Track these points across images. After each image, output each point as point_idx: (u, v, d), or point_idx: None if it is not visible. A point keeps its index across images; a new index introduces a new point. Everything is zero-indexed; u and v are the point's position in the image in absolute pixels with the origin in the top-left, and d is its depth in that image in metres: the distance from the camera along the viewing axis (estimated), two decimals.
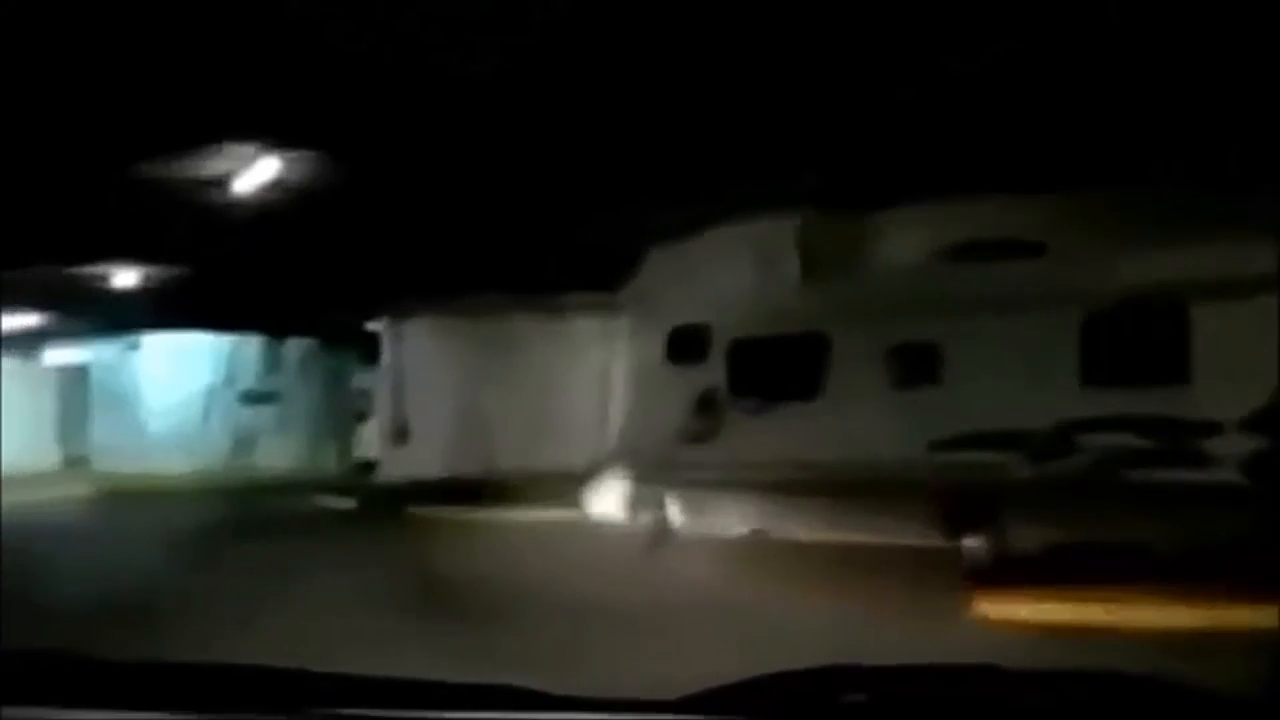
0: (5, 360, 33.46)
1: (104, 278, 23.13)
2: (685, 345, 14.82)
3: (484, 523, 18.75)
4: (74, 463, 32.58)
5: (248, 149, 14.30)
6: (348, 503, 22.25)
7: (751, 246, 14.62)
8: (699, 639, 8.60)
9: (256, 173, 14.82)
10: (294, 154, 14.44)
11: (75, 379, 33.27)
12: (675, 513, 14.58)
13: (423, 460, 23.41)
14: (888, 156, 13.87)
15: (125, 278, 23.15)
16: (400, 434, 24.50)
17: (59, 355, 33.66)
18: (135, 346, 30.88)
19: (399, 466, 24.01)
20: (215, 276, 23.44)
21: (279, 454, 30.86)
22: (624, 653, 8.16)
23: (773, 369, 13.81)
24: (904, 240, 13.24)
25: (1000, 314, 11.99)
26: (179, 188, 15.60)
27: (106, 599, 10.61)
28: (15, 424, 33.00)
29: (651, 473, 14.85)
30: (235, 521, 19.65)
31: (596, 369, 22.12)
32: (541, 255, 20.63)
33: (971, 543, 11.75)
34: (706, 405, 14.20)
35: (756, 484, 13.37)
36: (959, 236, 12.60)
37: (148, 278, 23.36)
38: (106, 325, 29.69)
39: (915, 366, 12.50)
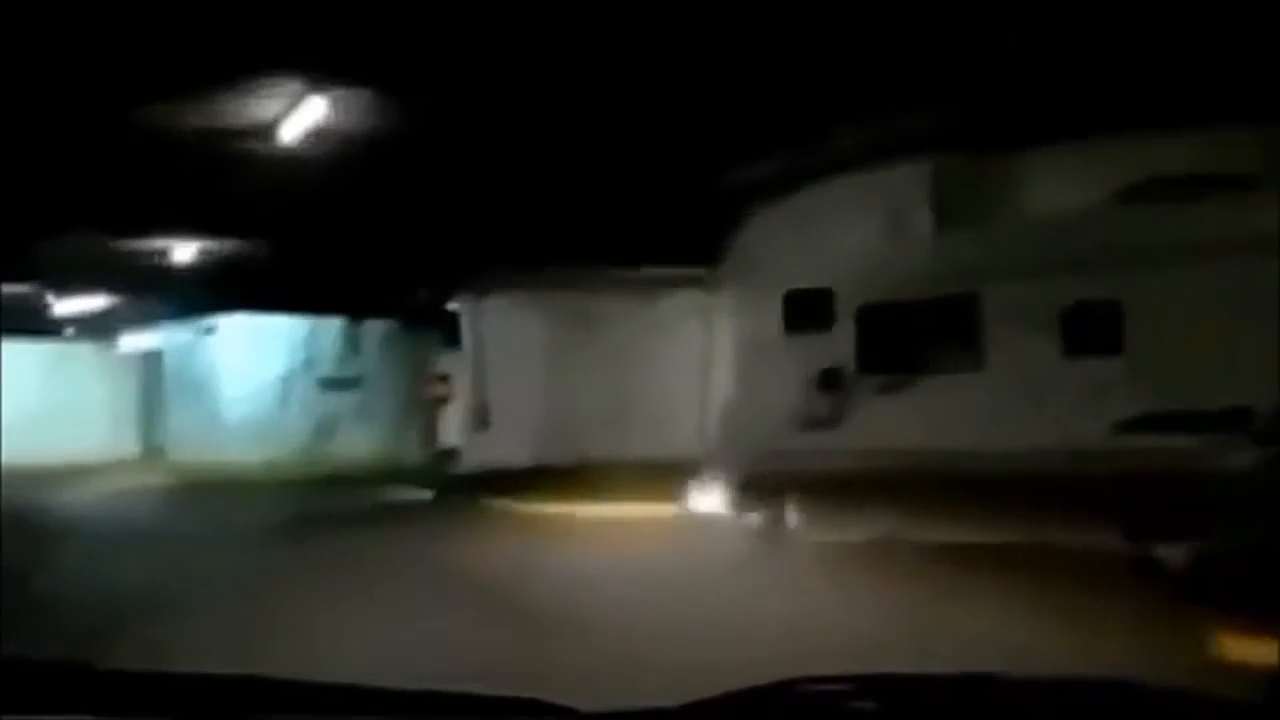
0: (84, 346, 32.60)
1: (176, 258, 21.61)
2: (803, 313, 12.67)
3: (567, 518, 16.77)
4: (150, 451, 31.42)
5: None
6: (425, 494, 20.36)
7: (879, 196, 12.45)
8: (817, 658, 6.50)
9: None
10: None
11: (150, 365, 32.06)
12: (792, 510, 12.46)
13: (504, 448, 21.57)
14: (1038, 86, 11.67)
15: (198, 258, 21.58)
16: (481, 420, 22.66)
17: (134, 341, 32.53)
18: (210, 331, 29.41)
19: (479, 454, 22.18)
20: (292, 255, 21.97)
21: (359, 442, 29.34)
22: (728, 672, 6.12)
23: (911, 339, 11.60)
24: (1069, 182, 10.97)
25: (1197, 264, 9.69)
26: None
27: (176, 593, 9.97)
28: (96, 411, 32.35)
29: (763, 463, 12.74)
30: (310, 513, 18.23)
31: (695, 346, 20.06)
32: (632, 223, 18.67)
33: (1168, 549, 9.48)
34: (830, 383, 12.02)
35: (891, 476, 11.23)
36: (1142, 173, 10.27)
37: (222, 257, 21.86)
38: (180, 308, 28.30)
39: (1092, 330, 10.22)
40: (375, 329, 30.40)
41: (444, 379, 24.87)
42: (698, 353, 19.86)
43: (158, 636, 7.49)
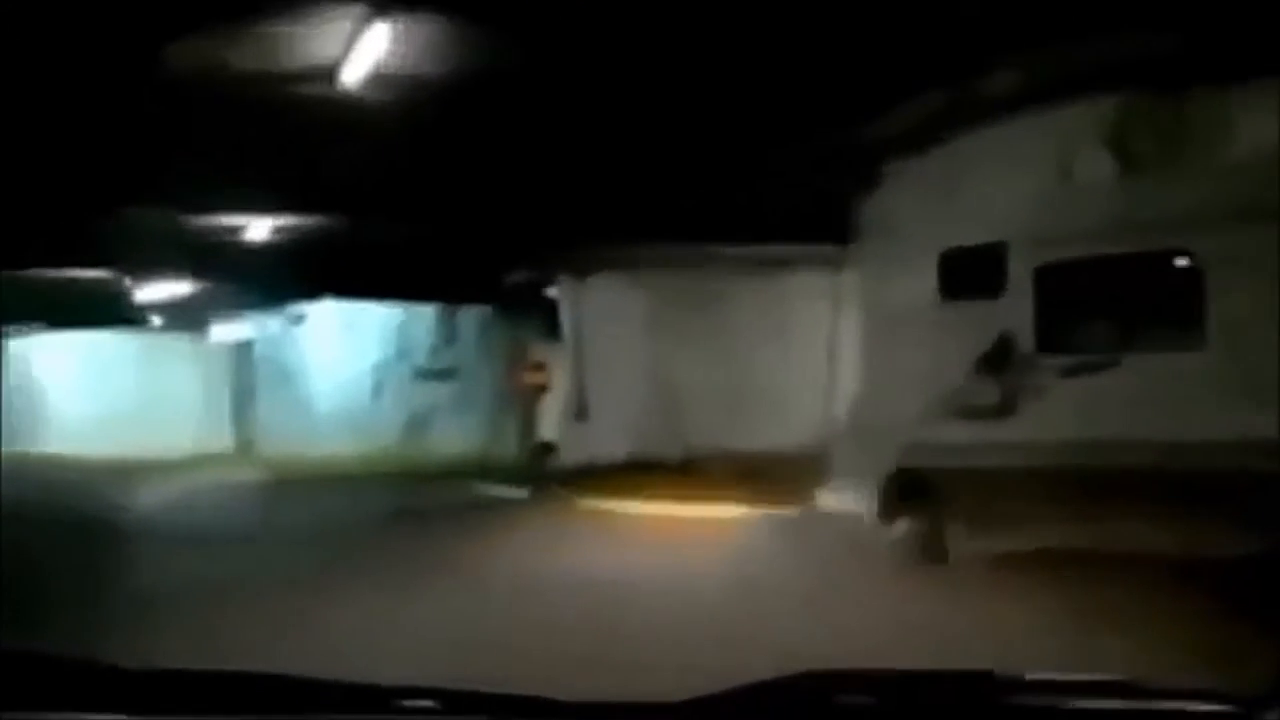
0: (174, 337, 31.54)
1: (258, 239, 20.11)
2: (965, 276, 10.62)
3: (672, 520, 14.88)
4: (242, 445, 30.25)
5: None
6: (519, 492, 18.57)
7: (1055, 140, 10.35)
8: None
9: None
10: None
11: (242, 356, 30.90)
12: (945, 516, 10.42)
13: (604, 441, 19.77)
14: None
15: (281, 239, 20.10)
16: (580, 411, 20.87)
17: (224, 331, 31.38)
18: (300, 320, 28.05)
19: (578, 448, 20.41)
20: (381, 237, 20.48)
21: (454, 435, 27.77)
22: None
23: (1106, 306, 9.47)
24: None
25: None
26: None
27: (265, 592, 9.30)
28: (188, 405, 31.34)
29: (907, 458, 10.72)
30: (402, 510, 16.74)
31: (818, 327, 18.14)
32: (747, 193, 16.89)
33: None
34: (996, 361, 9.90)
35: (1074, 475, 9.16)
36: None
37: (306, 238, 20.36)
38: (266, 295, 26.96)
39: None
40: (471, 317, 28.73)
41: (541, 367, 23.15)
42: (822, 335, 17.94)
43: (248, 636, 7.02)
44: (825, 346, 17.54)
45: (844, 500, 12.48)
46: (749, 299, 19.70)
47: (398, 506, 17.18)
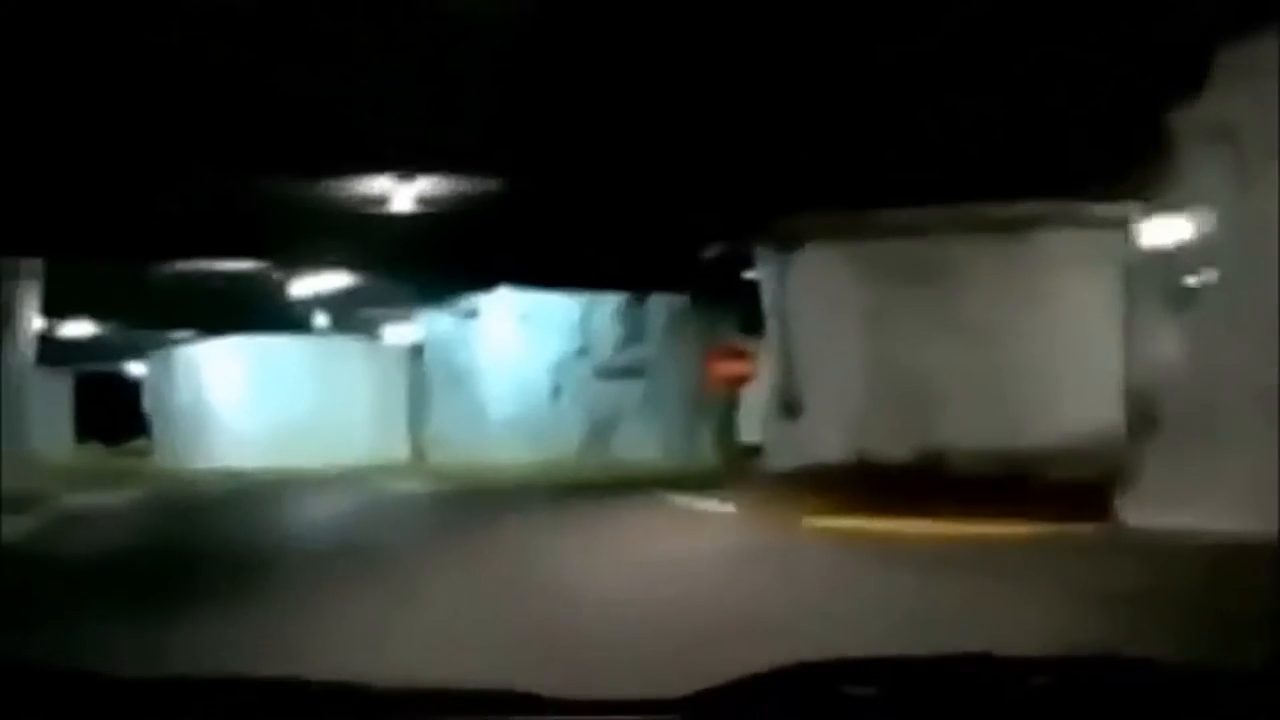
0: (347, 340, 29.81)
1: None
2: None
3: (920, 540, 11.59)
4: (418, 453, 28.28)
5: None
6: (722, 505, 15.43)
7: None
8: None
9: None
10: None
11: (417, 359, 28.84)
12: None
13: (822, 440, 16.64)
14: None
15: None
16: (790, 407, 17.74)
17: (398, 333, 29.42)
18: (472, 315, 25.67)
19: (789, 451, 17.25)
20: (556, 213, 18.01)
21: (643, 440, 25.22)
22: None
23: None
24: None
25: None
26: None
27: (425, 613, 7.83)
28: (362, 410, 29.85)
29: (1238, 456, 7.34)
30: (586, 527, 14.03)
31: (1088, 296, 14.74)
32: (992, 140, 13.91)
33: None
34: None
35: None
36: None
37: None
38: (433, 287, 24.66)
39: None
40: (659, 306, 26.06)
41: (743, 354, 20.11)
42: (1094, 307, 14.53)
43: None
44: (1099, 315, 14.12)
45: (1163, 513, 9.17)
46: (989, 267, 16.32)
47: (582, 523, 14.40)
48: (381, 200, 16.37)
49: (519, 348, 25.44)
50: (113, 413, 36.21)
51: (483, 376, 25.61)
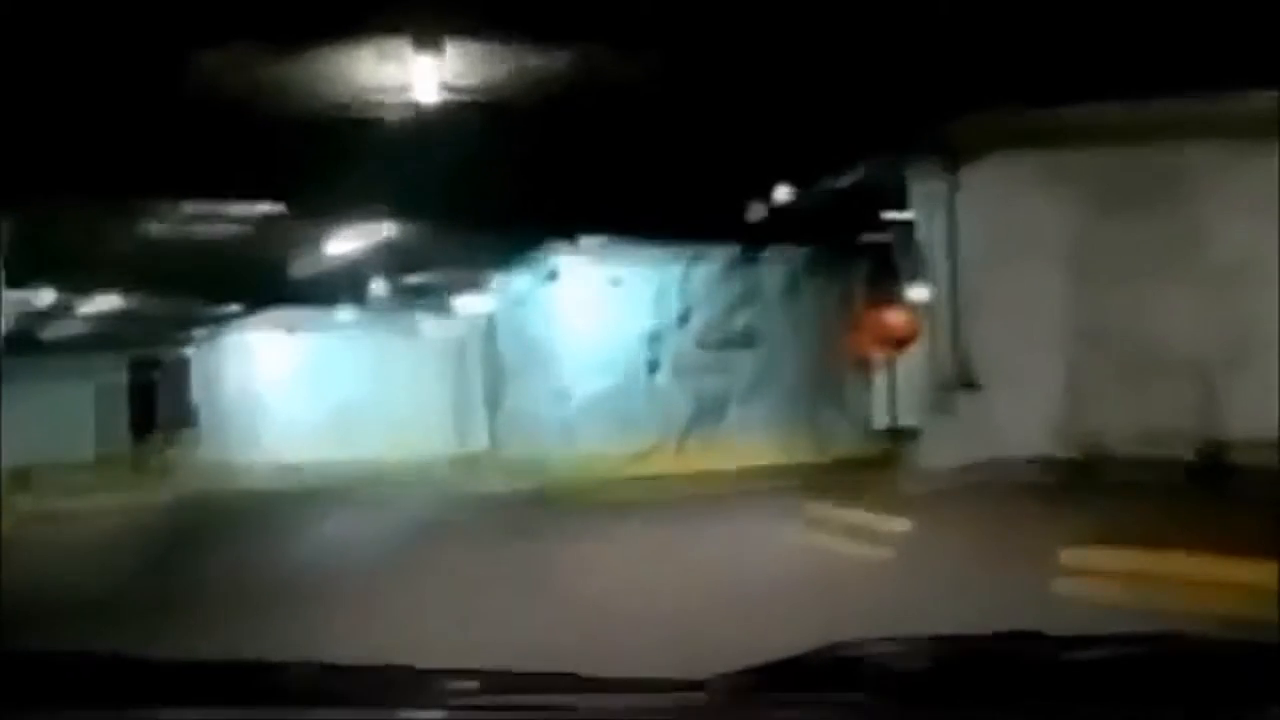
0: (409, 315, 26.21)
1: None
2: None
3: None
4: (494, 443, 24.76)
5: None
6: (889, 520, 10.66)
7: None
8: None
9: None
10: None
11: (490, 332, 24.88)
12: None
13: (1010, 428, 12.25)
14: None
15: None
16: (962, 377, 13.30)
17: (466, 303, 25.56)
18: (553, 276, 21.52)
19: (961, 442, 12.78)
20: (648, 139, 14.11)
21: (758, 424, 20.93)
22: None
23: None
24: None
25: None
26: None
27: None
28: (430, 395, 26.86)
29: None
30: (689, 537, 10.99)
31: None
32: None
33: None
34: None
35: None
36: None
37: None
38: (509, 244, 20.57)
39: None
40: (774, 263, 21.62)
41: (905, 312, 15.68)
42: None
43: None
44: None
45: None
46: (1236, 184, 11.83)
47: (694, 552, 10.37)
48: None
49: (607, 316, 21.28)
50: (170, 403, 33.34)
51: (564, 351, 21.48)
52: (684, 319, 21.58)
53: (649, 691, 1.82)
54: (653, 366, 21.37)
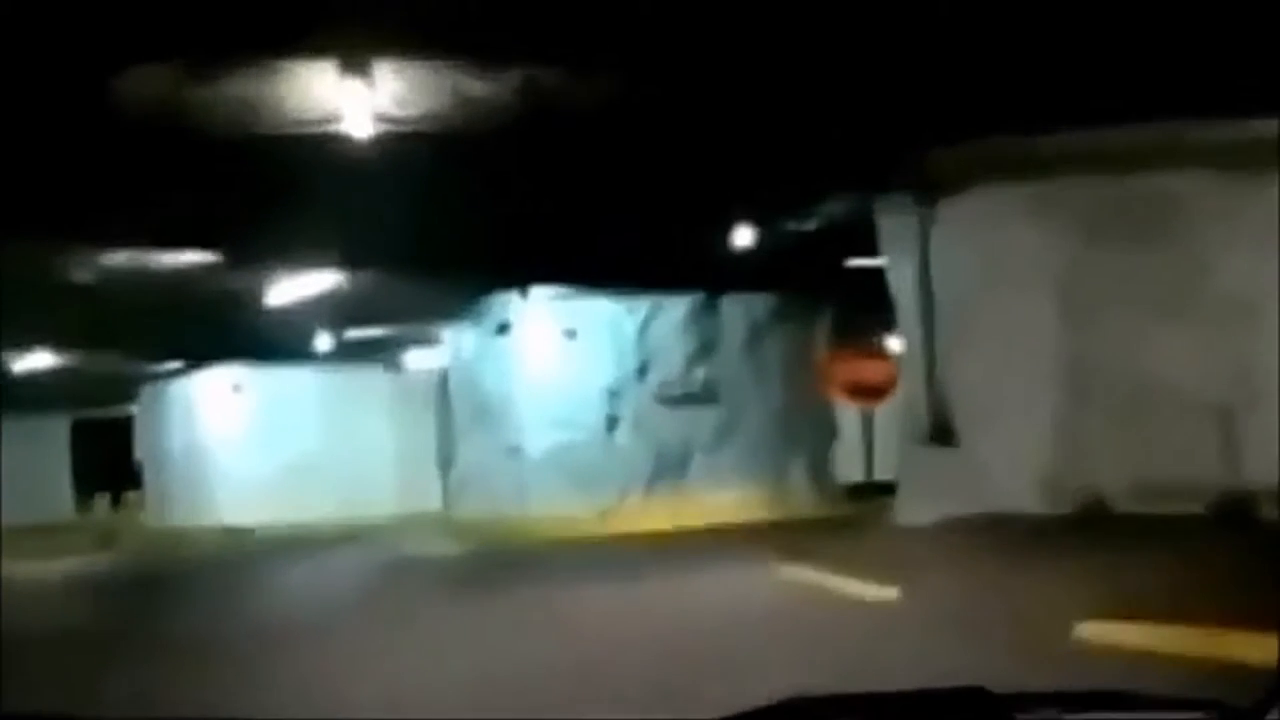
0: (360, 370, 25.19)
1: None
2: None
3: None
4: (448, 503, 23.99)
5: None
6: (877, 588, 9.47)
7: None
8: None
9: None
10: None
11: (443, 386, 23.96)
12: None
13: (995, 479, 11.31)
14: None
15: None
16: (939, 431, 12.37)
17: (418, 357, 24.63)
18: (504, 330, 20.55)
19: (942, 495, 11.84)
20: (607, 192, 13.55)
21: (722, 478, 19.87)
22: None
23: None
24: None
25: None
26: None
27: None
28: (382, 453, 25.98)
29: None
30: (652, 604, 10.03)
31: None
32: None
33: None
34: None
35: None
36: None
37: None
38: (459, 294, 19.64)
39: None
40: (735, 312, 20.68)
41: (882, 356, 14.75)
42: None
43: None
44: None
45: None
46: (1229, 215, 11.03)
47: (656, 613, 9.42)
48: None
49: (562, 369, 20.25)
50: (114, 464, 32.11)
51: (518, 406, 20.42)
52: (642, 371, 20.55)
53: None
54: (611, 423, 20.32)
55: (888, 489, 14.09)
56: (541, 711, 5.95)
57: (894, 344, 14.11)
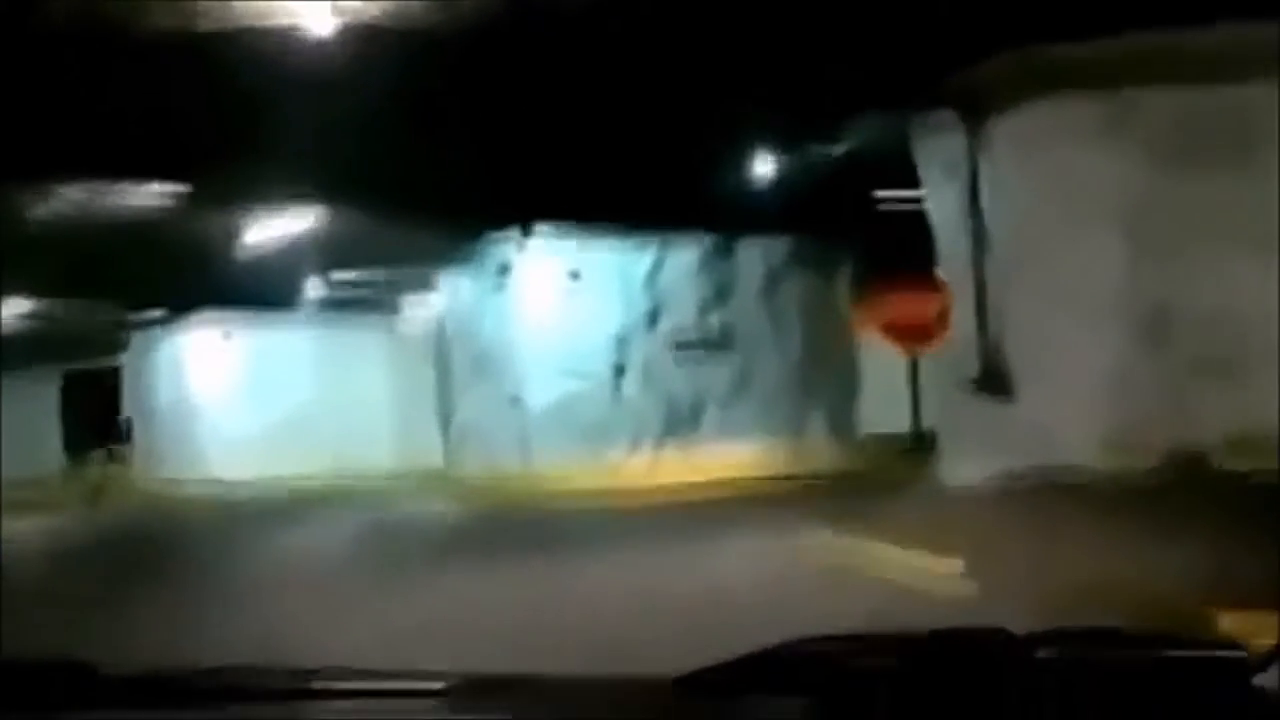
0: (359, 321, 24.13)
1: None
2: None
3: None
4: (448, 459, 22.59)
5: None
6: (943, 562, 8.07)
7: None
8: None
9: None
10: None
11: (442, 335, 22.82)
12: None
13: (1062, 433, 10.07)
14: None
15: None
16: (990, 380, 11.07)
17: (415, 305, 23.52)
18: (504, 272, 19.32)
19: (992, 450, 10.54)
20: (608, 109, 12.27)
21: (739, 430, 18.77)
22: None
23: None
24: None
25: None
26: None
27: None
28: (379, 406, 24.98)
29: None
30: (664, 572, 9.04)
31: None
32: None
33: None
34: None
35: None
36: None
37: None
38: (457, 235, 18.41)
39: None
40: (752, 254, 19.43)
41: (936, 289, 13.31)
42: None
43: None
44: None
45: None
46: None
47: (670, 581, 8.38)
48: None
49: (567, 315, 19.07)
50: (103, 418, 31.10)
51: (520, 355, 19.23)
52: (652, 317, 19.41)
53: (616, 690, 1.86)
54: (619, 372, 19.16)
55: (933, 441, 12.81)
56: None
57: (938, 281, 12.71)
